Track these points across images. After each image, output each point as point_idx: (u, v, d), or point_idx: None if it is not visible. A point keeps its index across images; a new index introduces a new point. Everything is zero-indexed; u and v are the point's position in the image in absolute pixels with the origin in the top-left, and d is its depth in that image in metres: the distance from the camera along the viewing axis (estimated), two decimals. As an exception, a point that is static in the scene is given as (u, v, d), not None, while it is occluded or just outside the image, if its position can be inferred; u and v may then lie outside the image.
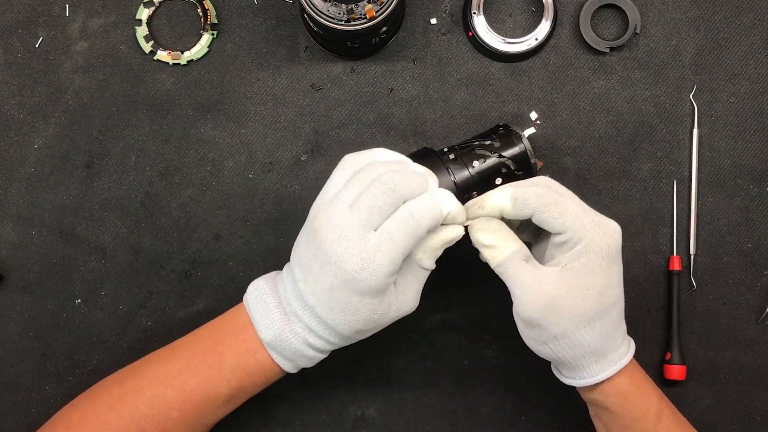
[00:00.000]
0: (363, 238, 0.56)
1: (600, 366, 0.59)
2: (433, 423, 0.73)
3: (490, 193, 0.60)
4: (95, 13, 0.74)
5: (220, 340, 0.61)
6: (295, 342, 0.60)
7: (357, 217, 0.56)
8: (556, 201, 0.58)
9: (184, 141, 0.74)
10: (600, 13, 0.74)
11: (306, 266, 0.58)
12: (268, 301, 0.60)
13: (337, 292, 0.57)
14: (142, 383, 0.61)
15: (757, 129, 0.74)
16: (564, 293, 0.57)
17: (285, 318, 0.60)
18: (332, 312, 0.58)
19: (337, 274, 0.56)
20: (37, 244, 0.73)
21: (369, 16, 0.64)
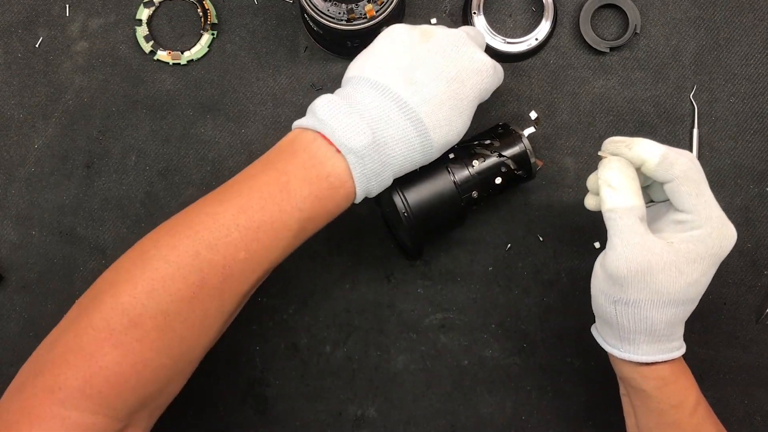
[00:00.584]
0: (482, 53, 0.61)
1: (651, 348, 0.58)
2: (433, 423, 0.73)
3: (641, 139, 0.58)
4: (95, 13, 0.74)
5: (283, 172, 0.56)
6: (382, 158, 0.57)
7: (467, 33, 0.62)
8: (699, 180, 0.57)
9: (184, 141, 0.74)
10: (600, 13, 0.74)
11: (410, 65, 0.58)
12: (349, 111, 0.56)
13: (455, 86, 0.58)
14: (198, 227, 0.54)
15: (757, 129, 0.74)
16: (661, 267, 0.56)
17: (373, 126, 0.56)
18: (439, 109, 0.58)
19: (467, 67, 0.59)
20: (37, 244, 0.73)
21: (369, 15, 0.65)
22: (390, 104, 0.57)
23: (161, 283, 0.53)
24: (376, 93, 0.57)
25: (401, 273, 0.73)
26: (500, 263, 0.73)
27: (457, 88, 0.58)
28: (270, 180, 0.56)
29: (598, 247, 0.73)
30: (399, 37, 0.60)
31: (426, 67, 0.58)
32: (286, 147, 0.58)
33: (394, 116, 0.57)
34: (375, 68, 0.58)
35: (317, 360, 0.73)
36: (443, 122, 0.58)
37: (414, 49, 0.59)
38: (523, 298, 0.73)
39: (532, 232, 0.73)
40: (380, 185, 0.59)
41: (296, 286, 0.73)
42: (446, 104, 0.58)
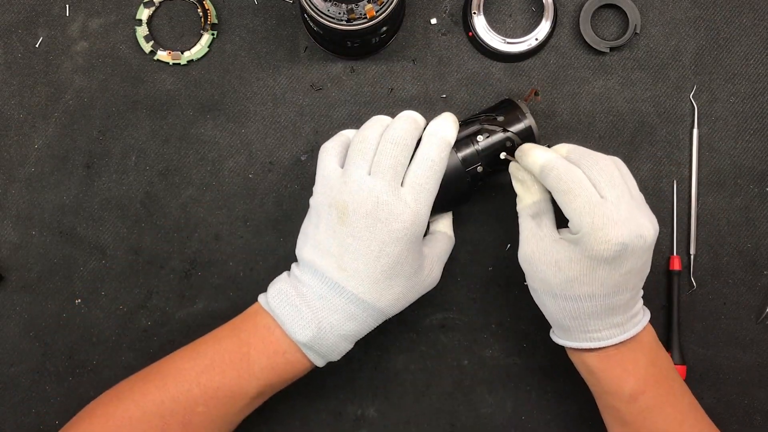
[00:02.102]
0: (399, 198, 0.59)
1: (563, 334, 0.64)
2: (433, 423, 0.73)
3: (533, 150, 0.62)
4: (95, 13, 0.74)
5: (245, 342, 0.62)
6: (332, 337, 0.61)
7: (384, 181, 0.59)
8: (568, 190, 0.59)
9: (184, 141, 0.74)
10: (600, 13, 0.74)
11: (338, 253, 0.59)
12: (296, 302, 0.61)
13: (384, 257, 0.59)
14: (166, 379, 0.61)
15: (757, 129, 0.74)
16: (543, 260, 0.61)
17: (318, 315, 0.60)
18: (376, 284, 0.60)
19: (385, 238, 0.59)
20: (37, 244, 0.73)
21: (369, 15, 0.64)
22: (330, 292, 0.60)
23: (129, 423, 0.60)
24: (317, 281, 0.61)
25: (401, 273, 0.73)
26: (500, 263, 0.73)
27: (384, 261, 0.59)
28: (233, 347, 0.62)
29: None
30: (324, 217, 0.61)
31: (351, 253, 0.59)
32: (250, 318, 0.64)
33: (336, 302, 0.60)
34: (312, 252, 0.61)
35: (317, 360, 0.73)
36: (385, 291, 0.60)
37: (337, 234, 0.60)
38: (523, 298, 0.73)
39: (532, 232, 0.73)
40: (341, 354, 0.63)
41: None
42: (380, 278, 0.60)
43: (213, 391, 0.61)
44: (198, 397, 0.61)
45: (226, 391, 0.61)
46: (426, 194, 0.60)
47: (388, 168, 0.59)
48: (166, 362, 0.64)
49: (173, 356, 0.64)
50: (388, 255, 0.59)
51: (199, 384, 0.61)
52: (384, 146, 0.60)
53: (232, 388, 0.61)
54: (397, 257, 0.59)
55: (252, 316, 0.64)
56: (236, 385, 0.61)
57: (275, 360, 0.62)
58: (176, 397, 0.61)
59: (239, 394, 0.62)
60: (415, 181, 0.60)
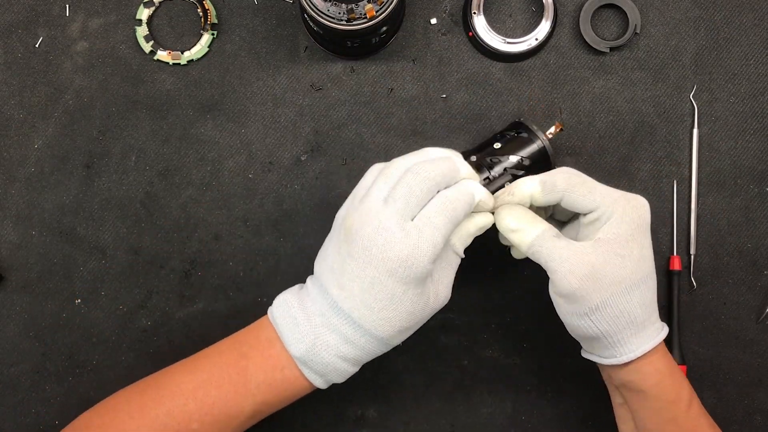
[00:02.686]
0: (403, 228, 0.56)
1: (639, 339, 0.59)
2: (433, 423, 0.73)
3: (519, 181, 0.61)
4: (95, 13, 0.74)
5: (244, 355, 0.60)
6: (327, 355, 0.59)
7: (393, 208, 0.56)
8: (584, 181, 0.60)
9: (184, 141, 0.74)
10: (600, 13, 0.74)
11: (339, 270, 0.58)
12: (296, 315, 0.59)
13: (378, 287, 0.56)
14: (162, 393, 0.60)
15: (757, 129, 0.74)
16: (603, 261, 0.58)
17: (315, 331, 0.58)
18: (371, 312, 0.57)
19: (380, 266, 0.56)
20: (37, 244, 0.73)
21: (369, 15, 0.64)
22: (330, 310, 0.58)
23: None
24: (320, 296, 0.59)
25: (401, 273, 0.73)
26: (500, 263, 0.73)
27: (378, 290, 0.56)
28: (231, 361, 0.60)
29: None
30: (335, 231, 0.60)
31: (349, 274, 0.57)
32: (254, 330, 0.62)
33: (334, 322, 0.58)
34: (320, 265, 0.60)
35: (317, 360, 0.73)
36: (382, 322, 0.57)
37: (339, 251, 0.58)
38: (523, 298, 0.73)
39: (532, 232, 0.73)
40: (342, 376, 0.61)
41: (296, 286, 0.73)
42: (376, 307, 0.57)
43: (208, 407, 0.59)
44: (193, 413, 0.59)
45: (222, 407, 0.60)
46: (431, 229, 0.56)
47: (401, 197, 0.56)
48: (164, 374, 0.62)
49: (172, 368, 0.63)
50: (383, 285, 0.56)
51: (195, 399, 0.59)
52: (404, 176, 0.57)
53: (228, 404, 0.60)
54: (392, 292, 0.56)
55: (255, 329, 0.62)
56: (232, 401, 0.60)
57: (273, 376, 0.60)
58: (171, 412, 0.59)
59: (235, 410, 0.60)
60: (425, 214, 0.57)
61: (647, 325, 0.60)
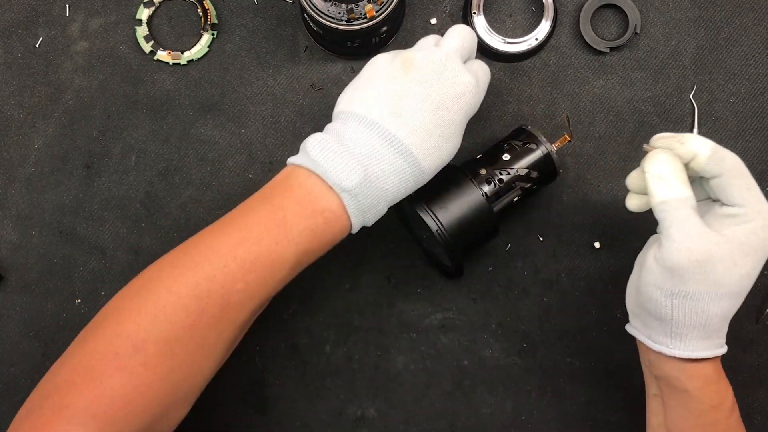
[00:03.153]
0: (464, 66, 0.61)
1: (701, 344, 0.57)
2: (433, 423, 0.73)
3: (691, 135, 0.58)
4: (95, 13, 0.74)
5: (279, 207, 0.58)
6: (375, 190, 0.58)
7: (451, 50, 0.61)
8: (747, 174, 0.58)
9: (184, 141, 0.74)
10: (600, 13, 0.74)
11: (396, 98, 0.59)
12: (340, 150, 0.57)
13: (443, 112, 0.59)
14: (198, 258, 0.57)
15: (757, 129, 0.74)
16: (719, 257, 0.56)
17: (365, 164, 0.57)
18: (429, 137, 0.59)
19: (450, 90, 0.59)
20: (37, 244, 0.73)
21: (369, 15, 0.65)
22: (379, 139, 0.58)
23: (163, 311, 0.55)
24: (365, 128, 0.58)
25: (401, 273, 0.73)
26: (500, 263, 0.73)
27: (442, 114, 0.59)
28: (267, 214, 0.58)
29: (598, 247, 0.73)
30: (382, 69, 0.60)
31: (410, 99, 0.58)
32: (282, 182, 0.60)
33: (383, 151, 0.58)
34: (362, 103, 0.59)
35: (317, 360, 0.73)
36: (432, 150, 0.59)
37: (397, 80, 0.59)
38: (523, 298, 0.73)
39: (532, 232, 0.73)
40: (375, 216, 0.60)
41: (296, 286, 0.73)
42: (434, 132, 0.59)
43: (251, 264, 0.56)
44: (236, 273, 0.56)
45: (265, 262, 0.57)
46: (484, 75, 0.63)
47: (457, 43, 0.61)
48: (194, 242, 0.59)
49: (201, 234, 0.59)
50: (448, 110, 0.59)
51: (235, 258, 0.56)
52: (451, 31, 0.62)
53: (270, 258, 0.57)
54: (453, 117, 0.59)
55: (284, 180, 0.59)
56: (275, 253, 0.57)
57: (314, 221, 0.58)
58: (212, 276, 0.56)
59: (278, 263, 0.57)
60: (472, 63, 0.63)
61: (715, 337, 0.58)
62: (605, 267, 0.73)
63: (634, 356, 0.73)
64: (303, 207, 0.58)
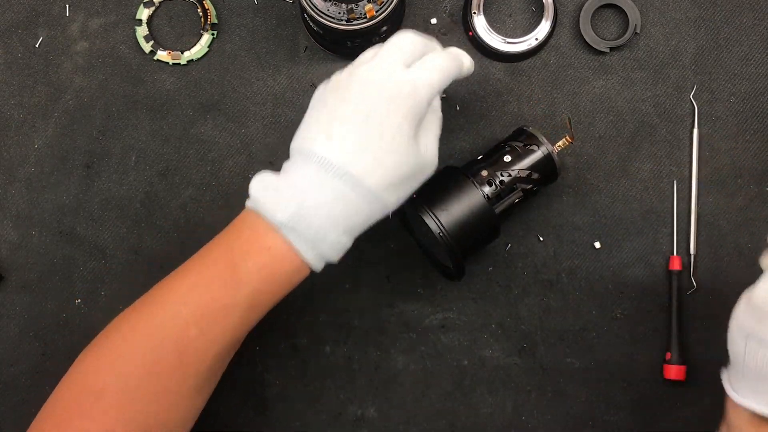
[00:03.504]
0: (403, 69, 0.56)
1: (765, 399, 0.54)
2: (433, 423, 0.73)
3: None
4: (95, 13, 0.74)
5: (229, 248, 0.57)
6: (317, 217, 0.55)
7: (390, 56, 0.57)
8: None
9: (184, 141, 0.74)
10: (600, 13, 0.74)
11: (326, 123, 0.55)
12: (277, 184, 0.56)
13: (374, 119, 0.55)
14: (153, 307, 0.57)
15: (757, 129, 0.74)
16: None
17: (300, 195, 0.55)
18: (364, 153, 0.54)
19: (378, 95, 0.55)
20: (37, 244, 0.73)
21: (369, 15, 0.65)
22: (314, 168, 0.55)
23: (120, 359, 0.56)
24: (303, 161, 0.56)
25: (401, 273, 0.73)
26: (500, 263, 0.73)
27: (375, 125, 0.55)
28: (217, 257, 0.58)
29: (598, 247, 0.73)
30: (317, 97, 0.59)
31: (339, 119, 0.55)
32: (235, 225, 0.59)
33: (320, 178, 0.55)
34: (299, 135, 0.58)
35: (317, 360, 0.73)
36: (373, 164, 0.55)
37: (326, 104, 0.57)
38: (523, 298, 0.73)
39: (532, 232, 0.73)
40: (333, 247, 0.57)
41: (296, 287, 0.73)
42: (370, 146, 0.55)
43: (202, 309, 0.56)
44: (188, 319, 0.55)
45: (216, 306, 0.56)
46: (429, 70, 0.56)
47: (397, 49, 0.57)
48: (154, 289, 0.59)
49: (162, 282, 0.59)
50: (379, 116, 0.54)
51: (186, 304, 0.56)
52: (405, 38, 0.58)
53: (222, 301, 0.56)
54: (388, 120, 0.54)
55: (236, 224, 0.59)
56: (226, 296, 0.56)
57: (261, 259, 0.56)
58: (164, 324, 0.56)
59: (230, 306, 0.56)
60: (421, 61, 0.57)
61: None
62: (605, 267, 0.73)
63: (634, 356, 0.73)
64: (250, 246, 0.57)
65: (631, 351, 0.73)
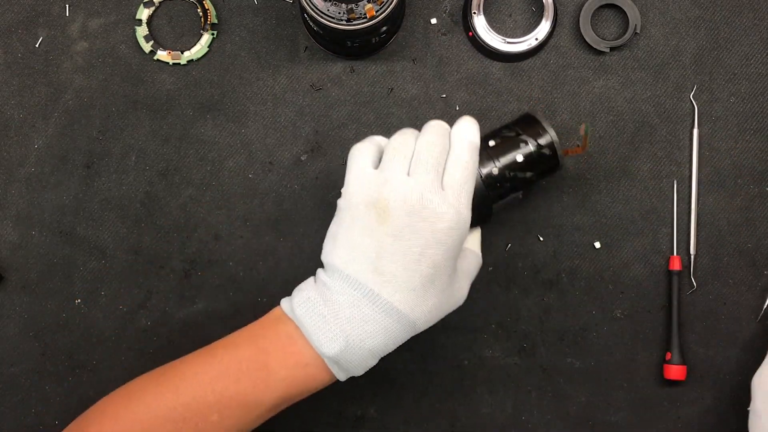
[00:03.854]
0: (442, 195, 0.57)
1: None
2: (433, 423, 0.73)
3: None
4: (95, 13, 0.74)
5: (264, 350, 0.59)
6: (360, 352, 0.58)
7: (427, 179, 0.57)
8: None
9: (184, 141, 0.74)
10: (600, 13, 0.74)
11: (375, 255, 0.56)
12: (323, 311, 0.57)
13: (425, 261, 0.56)
14: (179, 384, 0.59)
15: (757, 129, 0.74)
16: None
17: (346, 327, 0.57)
18: (413, 292, 0.57)
19: (429, 238, 0.56)
20: (37, 244, 0.73)
21: (369, 15, 0.64)
22: (363, 300, 0.57)
23: (139, 425, 0.58)
24: (349, 288, 0.57)
25: (401, 273, 0.73)
26: (500, 263, 0.73)
27: (425, 266, 0.57)
28: (250, 355, 0.59)
29: (598, 247, 0.73)
30: (359, 217, 0.58)
31: (390, 255, 0.56)
32: (271, 325, 0.60)
33: (368, 312, 0.57)
34: (344, 258, 0.58)
35: (317, 360, 0.73)
36: (419, 302, 0.57)
37: (374, 234, 0.57)
38: (523, 298, 0.73)
39: (532, 232, 0.73)
40: (364, 368, 0.60)
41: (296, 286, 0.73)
42: (419, 285, 0.57)
43: (227, 400, 0.58)
44: (212, 405, 0.58)
45: (242, 401, 0.58)
46: (466, 195, 0.58)
47: (431, 167, 0.58)
48: (180, 365, 0.61)
49: (187, 359, 0.61)
50: (429, 258, 0.56)
51: (213, 391, 0.58)
52: (422, 147, 0.59)
53: (247, 398, 0.58)
54: (438, 262, 0.57)
55: (273, 323, 0.60)
56: (252, 394, 0.58)
57: (296, 372, 0.58)
58: (189, 404, 0.58)
59: (254, 404, 0.59)
60: (454, 181, 0.58)
61: None
62: (605, 267, 0.73)
63: (634, 356, 0.73)
64: (287, 357, 0.58)
65: (631, 351, 0.73)
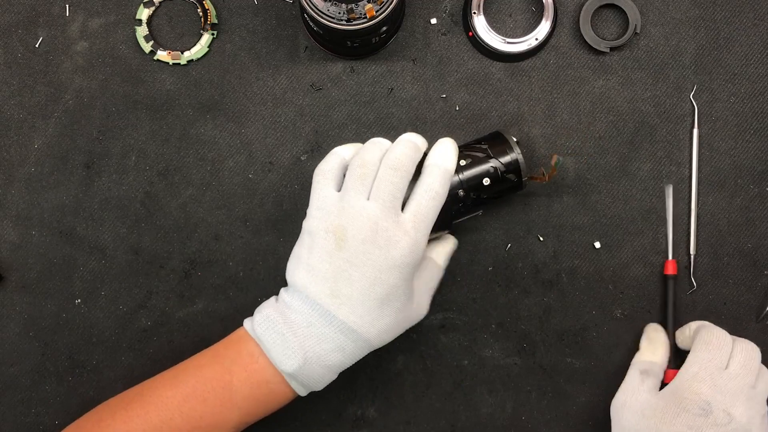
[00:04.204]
0: (399, 224, 0.59)
1: None
2: (433, 423, 0.73)
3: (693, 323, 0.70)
4: (95, 13, 0.74)
5: (227, 370, 0.61)
6: (318, 368, 0.60)
7: (384, 206, 0.59)
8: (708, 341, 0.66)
9: (184, 141, 0.74)
10: (600, 13, 0.74)
11: (333, 278, 0.58)
12: (282, 330, 0.59)
13: (379, 285, 0.58)
14: (148, 407, 0.61)
15: (757, 129, 0.74)
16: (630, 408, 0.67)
17: (304, 344, 0.59)
18: (369, 313, 0.59)
19: (383, 264, 0.58)
20: (37, 244, 0.73)
21: (369, 15, 0.64)
22: (320, 320, 0.59)
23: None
24: (308, 308, 0.59)
25: (401, 273, 0.73)
26: (500, 263, 0.73)
27: (380, 289, 0.58)
28: (215, 375, 0.61)
29: (598, 246, 0.73)
30: (318, 242, 0.59)
31: (346, 279, 0.58)
32: (233, 345, 0.62)
33: (324, 331, 0.59)
34: (304, 280, 0.60)
35: (317, 360, 0.73)
36: (375, 322, 0.59)
37: (332, 259, 0.58)
38: (523, 298, 0.73)
39: (532, 232, 0.73)
40: (323, 383, 0.62)
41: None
42: (374, 306, 0.59)
43: (196, 420, 0.60)
44: (181, 426, 0.60)
45: (209, 421, 0.60)
46: (426, 224, 0.60)
47: (388, 194, 0.59)
48: (146, 388, 0.62)
49: (153, 382, 0.63)
50: (383, 283, 0.58)
51: (181, 413, 0.60)
52: (384, 172, 0.59)
53: (215, 417, 0.60)
54: (392, 286, 0.59)
55: (235, 343, 0.62)
56: (219, 414, 0.60)
57: (258, 390, 0.61)
58: (158, 426, 0.60)
59: (221, 422, 0.61)
60: (418, 210, 0.59)
61: None
62: (605, 267, 0.73)
63: (633, 356, 0.73)
64: (249, 375, 0.61)
65: (631, 351, 0.73)
